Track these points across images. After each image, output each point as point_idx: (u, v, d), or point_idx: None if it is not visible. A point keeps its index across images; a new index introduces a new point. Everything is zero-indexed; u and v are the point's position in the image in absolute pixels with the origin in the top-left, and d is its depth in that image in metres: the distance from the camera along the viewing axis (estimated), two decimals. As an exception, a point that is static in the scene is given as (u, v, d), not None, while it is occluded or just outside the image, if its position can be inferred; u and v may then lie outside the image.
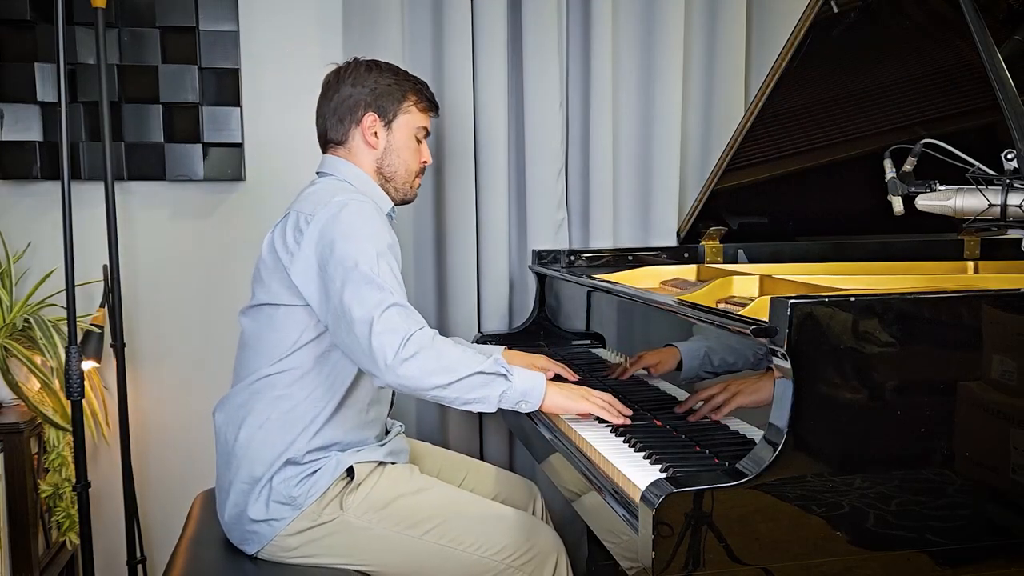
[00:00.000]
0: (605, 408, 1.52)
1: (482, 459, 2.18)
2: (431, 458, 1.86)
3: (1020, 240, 1.34)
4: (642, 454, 1.35)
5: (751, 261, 2.24)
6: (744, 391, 1.30)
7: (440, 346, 1.46)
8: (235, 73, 2.29)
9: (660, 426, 1.50)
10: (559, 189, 2.33)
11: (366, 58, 1.75)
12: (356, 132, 1.70)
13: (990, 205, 1.31)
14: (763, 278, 1.74)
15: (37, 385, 2.11)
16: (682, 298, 1.53)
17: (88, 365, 2.07)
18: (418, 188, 1.81)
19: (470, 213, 2.29)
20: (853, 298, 1.13)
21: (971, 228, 1.50)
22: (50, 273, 2.22)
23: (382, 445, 1.66)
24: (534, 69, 2.27)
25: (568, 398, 1.54)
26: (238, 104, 2.29)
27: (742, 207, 2.20)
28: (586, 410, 1.53)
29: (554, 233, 2.33)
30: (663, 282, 2.08)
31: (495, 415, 1.68)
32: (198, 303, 2.37)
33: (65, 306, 2.01)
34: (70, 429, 2.06)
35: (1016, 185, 1.30)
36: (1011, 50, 1.65)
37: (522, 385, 1.50)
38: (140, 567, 2.24)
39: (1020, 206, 1.29)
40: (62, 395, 2.06)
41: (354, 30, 2.23)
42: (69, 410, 2.03)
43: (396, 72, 1.74)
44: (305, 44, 2.34)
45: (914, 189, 1.42)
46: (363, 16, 2.22)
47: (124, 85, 2.24)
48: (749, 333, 1.18)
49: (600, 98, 2.29)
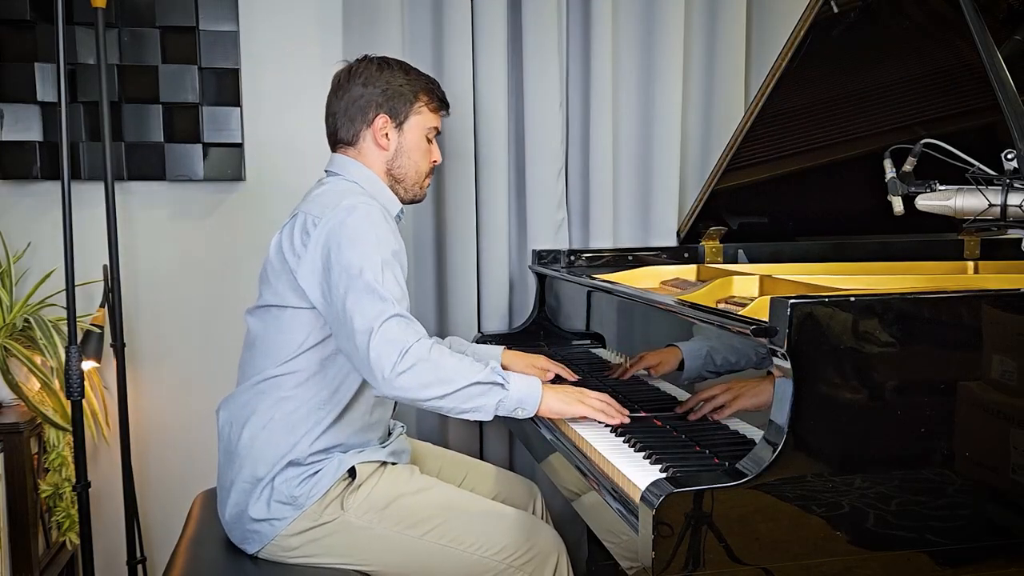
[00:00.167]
0: (603, 411, 1.52)
1: (482, 459, 2.18)
2: (432, 458, 1.86)
3: (1020, 240, 1.34)
4: (642, 454, 1.35)
5: (751, 261, 2.23)
6: (747, 393, 1.30)
7: (437, 357, 1.46)
8: (235, 73, 2.29)
9: (660, 426, 1.50)
10: (559, 189, 2.33)
11: (377, 55, 1.74)
12: (367, 133, 1.69)
13: (990, 205, 1.31)
14: (763, 278, 1.74)
15: (37, 385, 2.11)
16: (682, 298, 1.53)
17: (88, 365, 2.07)
18: (427, 187, 1.80)
19: (470, 213, 2.29)
20: (853, 298, 1.13)
21: (971, 228, 1.49)
22: (50, 273, 2.22)
23: (384, 446, 1.66)
24: (534, 69, 2.27)
25: (565, 402, 1.54)
26: (238, 104, 2.29)
27: (742, 207, 2.20)
28: (583, 414, 1.53)
29: (554, 233, 2.33)
30: (663, 282, 2.08)
31: (495, 415, 1.68)
32: (198, 303, 2.37)
33: (65, 306, 2.01)
34: (70, 429, 2.06)
35: (1016, 185, 1.30)
36: (1011, 50, 1.65)
37: (518, 393, 1.50)
38: (140, 567, 2.24)
39: (1020, 206, 1.29)
40: (62, 395, 2.06)
41: (354, 30, 2.22)
42: (69, 410, 2.04)
43: (407, 71, 1.72)
44: (305, 44, 2.34)
45: (914, 189, 1.42)
46: (363, 16, 2.21)
47: (124, 85, 2.24)
48: (749, 333, 1.18)
49: (600, 98, 2.29)
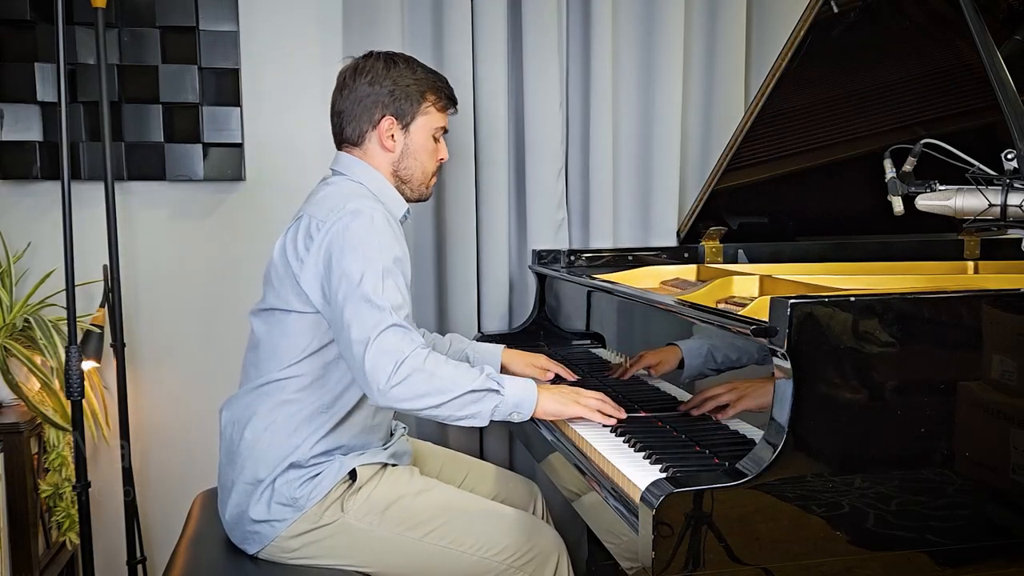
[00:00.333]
0: (599, 410, 1.52)
1: (482, 459, 2.18)
2: (433, 458, 1.86)
3: (1020, 240, 1.34)
4: (642, 454, 1.35)
5: (751, 261, 2.23)
6: (751, 394, 1.30)
7: (432, 367, 1.45)
8: (235, 73, 2.28)
9: (660, 426, 1.50)
10: (559, 189, 2.33)
11: (383, 51, 1.70)
12: (372, 135, 1.67)
13: (990, 205, 1.31)
14: (763, 278, 1.74)
15: (37, 385, 2.11)
16: (682, 298, 1.53)
17: (88, 365, 2.07)
18: (434, 186, 1.78)
19: (470, 213, 2.29)
20: (853, 298, 1.13)
21: (971, 228, 1.50)
22: (50, 273, 2.22)
23: (386, 448, 1.66)
24: (534, 69, 2.27)
25: (561, 403, 1.54)
26: (238, 104, 2.29)
27: (742, 207, 2.20)
28: (578, 414, 1.53)
29: (554, 233, 2.33)
30: (663, 282, 2.08)
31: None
32: (198, 303, 2.36)
33: (65, 306, 2.01)
34: (70, 429, 2.06)
35: (1016, 185, 1.30)
36: (1011, 50, 1.65)
37: (514, 397, 1.50)
38: (140, 567, 2.24)
39: (1020, 206, 1.29)
40: (62, 395, 2.06)
41: (354, 30, 2.22)
42: (69, 410, 2.04)
43: (415, 69, 1.69)
44: (305, 44, 2.34)
45: (914, 189, 1.42)
46: (363, 16, 2.21)
47: (124, 85, 2.23)
48: (749, 333, 1.18)
49: (600, 98, 2.29)
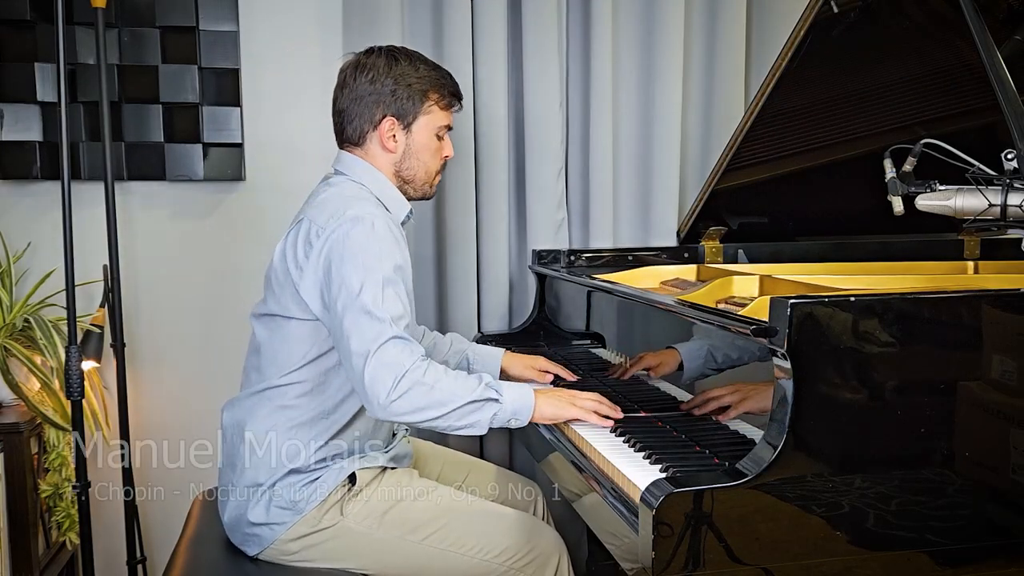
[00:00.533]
0: (595, 411, 1.53)
1: (482, 459, 2.18)
2: (433, 458, 1.85)
3: (1020, 240, 1.34)
4: (642, 454, 1.35)
5: (751, 261, 2.23)
6: (753, 397, 1.30)
7: (432, 380, 1.44)
8: (235, 73, 2.28)
9: (660, 426, 1.50)
10: (559, 189, 2.33)
11: (385, 46, 1.66)
12: (373, 135, 1.63)
13: (990, 205, 1.31)
14: (763, 278, 1.74)
15: (37, 385, 2.11)
16: (682, 298, 1.53)
17: (88, 365, 2.07)
18: (438, 184, 1.74)
19: (470, 213, 2.29)
20: (853, 298, 1.13)
21: (971, 228, 1.50)
22: (50, 273, 2.22)
23: (387, 451, 1.65)
24: (534, 69, 2.27)
25: (556, 407, 1.54)
26: (238, 104, 2.29)
27: (742, 207, 2.20)
28: (574, 416, 1.53)
29: (554, 233, 2.33)
30: (663, 282, 2.08)
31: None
32: (198, 303, 2.36)
33: (65, 306, 2.01)
34: (70, 429, 2.06)
35: (1016, 185, 1.30)
36: (1011, 50, 1.65)
37: (512, 405, 1.50)
38: (140, 567, 2.24)
39: (1020, 206, 1.29)
40: (62, 395, 2.06)
41: (354, 30, 2.22)
42: (69, 410, 2.03)
43: (417, 66, 1.64)
44: (305, 44, 2.33)
45: (914, 189, 1.42)
46: (363, 16, 2.21)
47: (124, 85, 2.23)
48: (749, 333, 1.18)
49: (600, 98, 2.29)
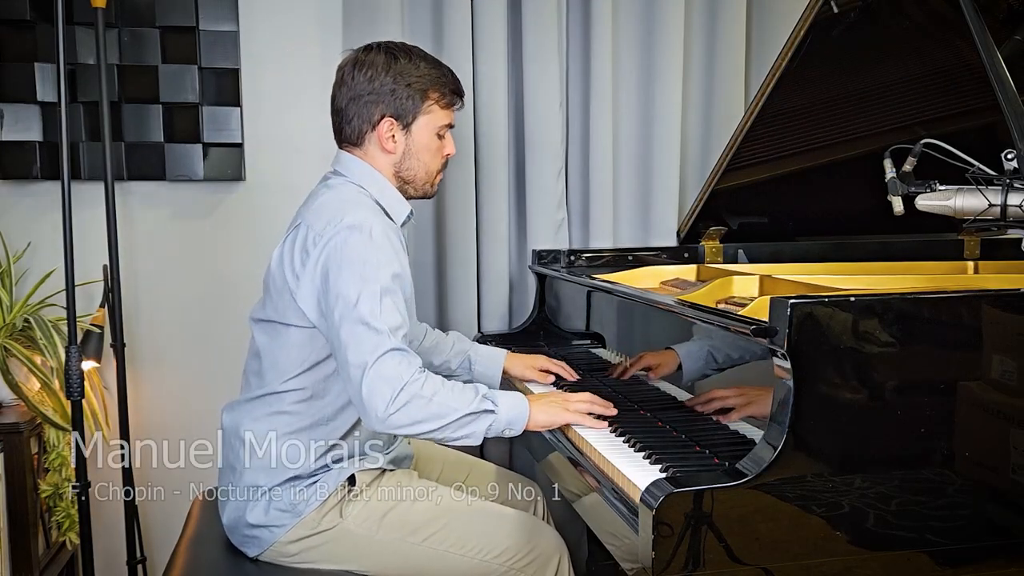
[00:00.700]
0: (588, 412, 1.53)
1: (482, 459, 2.18)
2: (433, 459, 1.85)
3: (1020, 240, 1.34)
4: (642, 454, 1.35)
5: (751, 261, 2.23)
6: (757, 401, 1.29)
7: (430, 393, 1.44)
8: (235, 73, 2.28)
9: (660, 426, 1.50)
10: (559, 189, 2.33)
11: (384, 42, 1.61)
12: (372, 136, 1.60)
13: (990, 205, 1.31)
14: (763, 278, 1.74)
15: (37, 385, 2.11)
16: (682, 298, 1.53)
17: (88, 365, 2.07)
18: (439, 182, 1.72)
19: (470, 213, 2.29)
20: (853, 298, 1.13)
21: (971, 228, 1.50)
22: (50, 273, 2.22)
23: (387, 452, 1.65)
24: (534, 69, 2.27)
25: (549, 414, 1.54)
26: (238, 104, 2.29)
27: (742, 207, 2.20)
28: (567, 421, 1.53)
29: (554, 233, 2.33)
30: (663, 282, 2.08)
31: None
32: (198, 303, 2.36)
33: (65, 306, 2.01)
34: (70, 429, 2.05)
35: (1016, 185, 1.30)
36: (1011, 50, 1.65)
37: (507, 415, 1.50)
38: (140, 567, 2.24)
39: (1020, 206, 1.29)
40: (62, 395, 2.06)
41: (354, 30, 2.22)
42: (69, 410, 2.03)
43: (417, 64, 1.59)
44: (305, 44, 2.34)
45: (914, 189, 1.42)
46: (363, 16, 2.21)
47: (124, 85, 2.23)
48: (749, 333, 1.18)
49: (600, 98, 2.29)
